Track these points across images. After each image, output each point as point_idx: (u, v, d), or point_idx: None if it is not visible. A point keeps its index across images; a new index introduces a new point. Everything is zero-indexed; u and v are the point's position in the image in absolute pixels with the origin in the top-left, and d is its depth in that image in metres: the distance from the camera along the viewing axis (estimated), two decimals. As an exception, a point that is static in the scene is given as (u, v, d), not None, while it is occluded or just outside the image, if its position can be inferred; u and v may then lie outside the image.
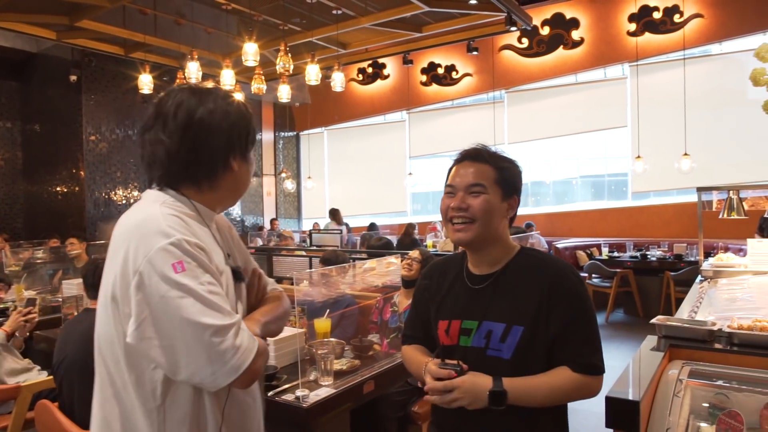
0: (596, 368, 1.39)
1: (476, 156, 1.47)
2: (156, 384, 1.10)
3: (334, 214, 10.65)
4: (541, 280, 1.41)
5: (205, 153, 1.20)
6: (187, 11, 7.69)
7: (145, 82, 7.10)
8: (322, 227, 10.35)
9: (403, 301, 3.30)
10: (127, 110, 9.34)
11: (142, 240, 1.08)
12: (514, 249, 1.51)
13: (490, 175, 1.44)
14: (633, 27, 8.83)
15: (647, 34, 8.76)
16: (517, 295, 1.42)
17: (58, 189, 9.24)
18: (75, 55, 8.65)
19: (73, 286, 3.77)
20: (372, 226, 9.76)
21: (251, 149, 1.30)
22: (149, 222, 1.11)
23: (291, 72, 6.18)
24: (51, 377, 2.89)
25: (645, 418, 1.51)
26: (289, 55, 5.94)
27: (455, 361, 1.38)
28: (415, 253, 3.40)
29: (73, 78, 8.63)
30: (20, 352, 3.38)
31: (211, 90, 1.25)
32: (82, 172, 8.85)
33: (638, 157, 8.17)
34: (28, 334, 3.44)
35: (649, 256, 7.41)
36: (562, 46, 9.56)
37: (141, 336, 1.05)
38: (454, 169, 1.50)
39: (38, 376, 3.20)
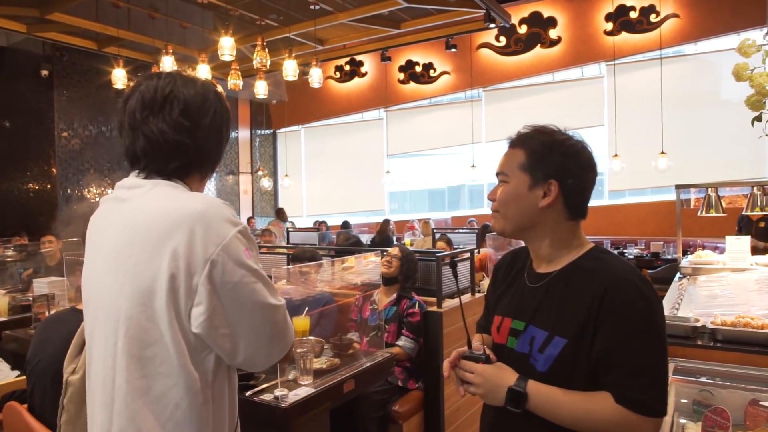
0: (647, 408, 1.10)
1: (513, 140, 1.35)
2: (207, 369, 1.12)
3: (279, 213, 10.75)
4: (596, 288, 1.17)
5: (221, 145, 1.25)
6: (161, 5, 7.54)
7: (119, 77, 6.95)
8: (265, 226, 10.27)
9: (382, 298, 3.26)
10: (101, 106, 9.14)
11: (209, 229, 1.07)
12: (582, 248, 1.28)
13: (517, 160, 1.29)
14: (610, 26, 8.93)
15: (624, 34, 8.87)
16: (568, 302, 1.21)
17: (30, 186, 9.00)
18: (46, 49, 8.43)
19: (44, 285, 3.66)
20: (345, 224, 9.71)
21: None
22: (214, 211, 1.09)
23: (268, 67, 6.10)
24: (21, 377, 2.80)
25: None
26: (266, 50, 5.86)
27: (482, 351, 1.25)
28: (394, 250, 3.35)
29: (45, 73, 8.42)
30: None
31: (201, 79, 1.25)
32: (54, 169, 8.63)
33: (615, 155, 8.26)
34: None
35: (626, 254, 7.50)
36: (539, 45, 9.62)
37: (211, 324, 1.06)
38: None
39: (9, 375, 3.09)
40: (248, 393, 2.04)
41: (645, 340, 1.12)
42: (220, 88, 1.25)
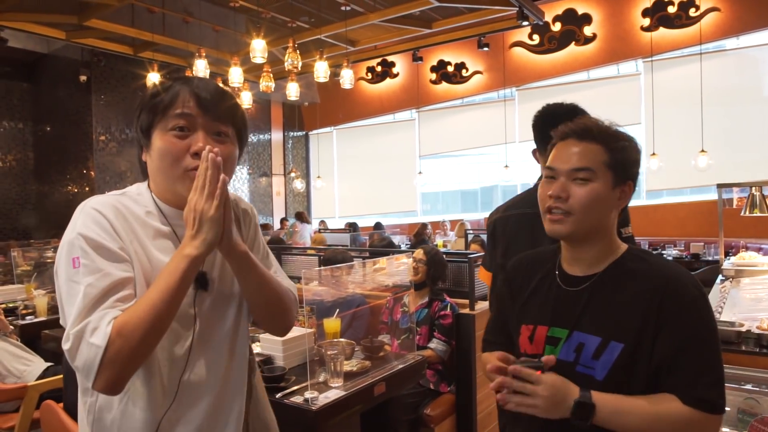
0: (713, 405, 1.08)
1: (584, 133, 1.20)
2: None
3: (300, 215, 10.76)
4: (652, 290, 1.12)
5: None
6: (194, 9, 7.66)
7: (154, 81, 7.08)
8: (288, 227, 10.34)
9: (413, 300, 3.23)
10: (137, 110, 9.33)
11: (68, 227, 1.10)
12: (620, 248, 1.23)
13: (601, 156, 1.17)
14: (647, 22, 8.69)
15: (662, 29, 8.62)
16: (620, 304, 1.15)
17: (69, 188, 9.26)
18: (84, 55, 8.66)
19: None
20: (377, 226, 9.72)
21: (154, 136, 1.11)
22: (77, 210, 1.12)
23: (299, 69, 6.13)
24: (58, 377, 2.86)
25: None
26: (298, 52, 5.89)
27: (536, 360, 1.12)
28: (419, 254, 3.26)
29: (83, 78, 8.65)
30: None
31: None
32: (92, 172, 8.86)
33: (653, 154, 8.04)
34: (11, 329, 3.42)
35: (664, 256, 7.28)
36: (573, 43, 9.44)
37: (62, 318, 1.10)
38: (555, 147, 1.24)
39: (41, 366, 3.18)
40: (278, 395, 2.03)
41: (708, 339, 1.11)
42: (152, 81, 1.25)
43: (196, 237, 1.03)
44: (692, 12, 8.35)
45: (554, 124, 1.38)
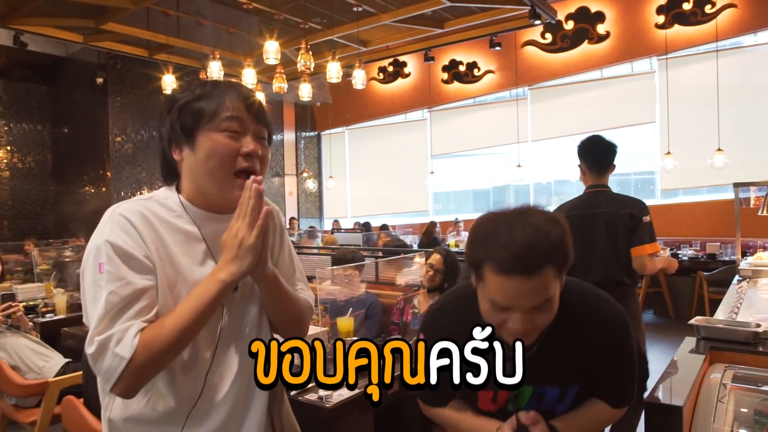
0: (631, 400, 1.40)
1: (530, 267, 1.07)
2: None
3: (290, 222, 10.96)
4: (583, 333, 1.27)
5: (161, 139, 1.20)
6: (208, 12, 7.73)
7: (169, 83, 7.15)
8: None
9: (424, 302, 3.23)
10: (152, 111, 9.45)
11: (95, 232, 1.11)
12: None
13: (552, 275, 1.10)
14: (661, 19, 8.62)
15: (677, 27, 8.54)
16: (565, 355, 1.27)
17: (86, 189, 9.39)
18: (101, 57, 8.78)
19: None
20: (383, 227, 9.74)
21: (200, 135, 1.12)
22: (105, 216, 1.13)
23: (312, 70, 6.16)
24: (78, 373, 2.91)
25: (687, 425, 1.43)
26: (310, 53, 5.93)
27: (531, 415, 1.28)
28: (435, 259, 3.13)
29: (100, 80, 8.76)
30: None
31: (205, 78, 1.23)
32: (108, 173, 8.97)
33: (668, 153, 7.97)
34: (30, 326, 3.48)
35: (680, 256, 7.22)
36: (586, 41, 9.38)
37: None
38: (500, 280, 1.10)
39: (59, 362, 3.24)
40: (293, 392, 2.06)
41: (628, 358, 1.34)
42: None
43: (232, 263, 1.06)
44: (708, 9, 8.26)
45: (596, 153, 2.55)
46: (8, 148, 9.37)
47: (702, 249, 7.33)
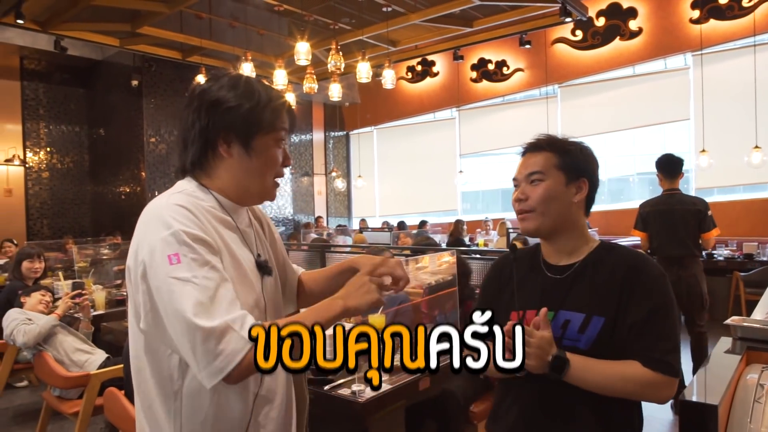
0: (669, 367, 1.28)
1: (535, 146, 1.45)
2: (172, 370, 1.11)
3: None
4: (623, 270, 1.35)
5: (191, 134, 1.19)
6: (240, 14, 7.86)
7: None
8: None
9: (448, 299, 3.24)
10: (185, 112, 9.62)
11: (148, 229, 1.09)
12: (593, 241, 1.46)
13: (551, 160, 1.41)
14: (696, 14, 8.43)
15: (712, 21, 8.34)
16: (599, 284, 1.36)
17: (122, 189, 9.64)
18: (136, 60, 9.00)
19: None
20: (422, 224, 9.74)
21: (259, 140, 1.18)
22: (155, 211, 1.11)
23: (342, 70, 6.21)
24: (119, 366, 3.02)
25: (723, 425, 1.42)
26: (341, 53, 5.98)
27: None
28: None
29: (135, 83, 8.99)
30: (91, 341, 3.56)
31: (227, 74, 1.22)
32: (143, 173, 9.19)
33: (703, 151, 7.80)
34: (91, 316, 3.61)
35: (715, 256, 7.06)
36: (618, 37, 9.23)
37: (148, 323, 1.08)
38: (519, 162, 1.48)
39: (101, 357, 3.36)
40: (326, 387, 2.10)
41: (667, 312, 1.31)
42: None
43: (361, 297, 1.16)
44: (745, 2, 8.04)
45: (670, 166, 4.09)
46: (48, 149, 9.69)
47: (738, 249, 7.15)
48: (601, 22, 9.35)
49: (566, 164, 1.40)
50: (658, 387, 1.28)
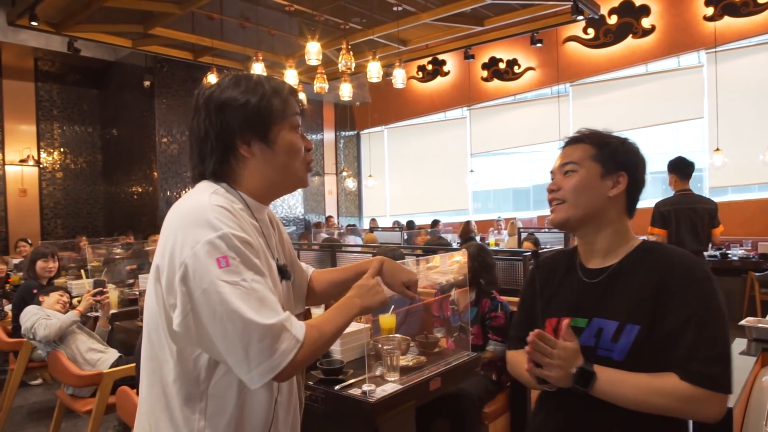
0: (710, 380, 1.12)
1: (575, 138, 1.40)
2: (200, 371, 1.10)
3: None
4: (660, 273, 1.23)
5: (206, 145, 1.17)
6: (251, 14, 7.89)
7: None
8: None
9: (461, 299, 3.22)
10: (196, 113, 9.68)
11: (189, 230, 1.05)
12: (633, 240, 1.35)
13: (587, 151, 1.35)
14: (710, 11, 8.34)
15: (726, 18, 8.25)
16: (634, 289, 1.25)
17: (134, 189, 9.71)
18: (148, 61, 9.07)
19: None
20: (434, 223, 9.73)
21: (275, 130, 1.17)
22: (197, 212, 1.07)
23: (353, 70, 6.22)
24: (131, 365, 3.04)
25: (738, 427, 1.40)
26: (351, 53, 5.98)
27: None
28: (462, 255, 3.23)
29: (147, 83, 9.05)
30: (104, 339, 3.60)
31: (240, 74, 1.21)
32: (155, 173, 9.25)
33: (717, 149, 7.71)
34: (110, 314, 3.65)
35: (730, 255, 6.98)
36: (631, 35, 9.16)
37: (186, 326, 1.05)
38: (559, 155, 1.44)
39: (113, 356, 3.38)
40: (337, 387, 2.10)
41: (712, 317, 1.16)
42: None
43: (375, 298, 1.25)
44: (760, -1, 7.96)
45: (683, 168, 4.55)
46: (61, 149, 9.78)
47: (753, 249, 7.08)
48: (613, 20, 9.28)
49: (604, 156, 1.33)
50: (699, 403, 1.13)
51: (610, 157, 1.33)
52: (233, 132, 1.15)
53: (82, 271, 4.84)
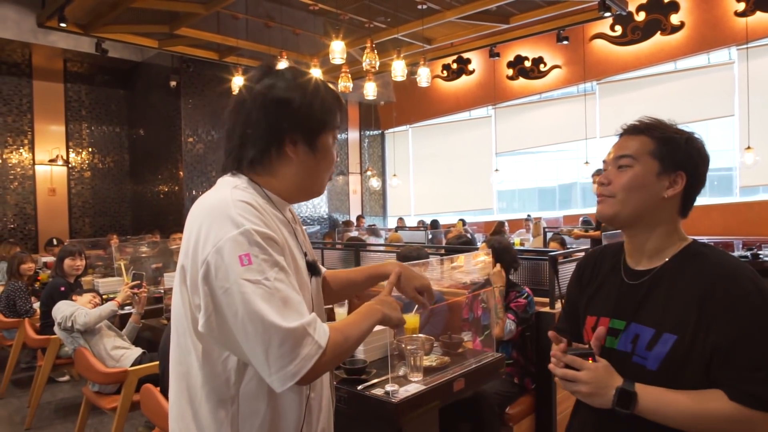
0: (763, 402, 1.04)
1: (633, 128, 1.29)
2: (229, 373, 1.08)
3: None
4: (707, 283, 1.12)
5: (254, 132, 1.14)
6: (276, 14, 7.93)
7: (238, 85, 7.37)
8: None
9: (491, 297, 3.19)
10: (221, 112, 9.65)
11: (212, 227, 1.03)
12: (681, 242, 1.24)
13: (645, 145, 1.23)
14: (742, 6, 8.13)
15: (759, 13, 8.03)
16: (676, 297, 1.16)
17: (160, 188, 9.85)
18: (174, 62, 9.18)
19: (173, 278, 3.98)
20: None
21: (322, 138, 1.18)
22: (219, 208, 1.05)
23: (377, 69, 6.20)
24: (155, 363, 3.06)
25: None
26: (375, 52, 5.97)
27: (586, 346, 1.18)
28: (482, 249, 3.21)
29: (173, 83, 9.16)
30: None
31: (288, 68, 1.19)
32: (181, 172, 9.36)
33: (748, 148, 7.51)
34: (143, 310, 3.68)
35: (761, 256, 6.78)
36: (659, 32, 8.98)
37: (210, 327, 1.03)
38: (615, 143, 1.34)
39: (136, 352, 3.41)
40: (360, 387, 2.08)
41: (759, 335, 1.07)
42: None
43: (394, 314, 1.22)
44: (795, -6, 7.72)
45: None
46: (90, 149, 9.96)
47: (787, 250, 6.87)
48: (641, 16, 9.10)
49: (663, 153, 1.22)
50: (752, 424, 1.05)
51: (670, 154, 1.22)
52: (285, 129, 1.14)
53: (122, 265, 4.90)
